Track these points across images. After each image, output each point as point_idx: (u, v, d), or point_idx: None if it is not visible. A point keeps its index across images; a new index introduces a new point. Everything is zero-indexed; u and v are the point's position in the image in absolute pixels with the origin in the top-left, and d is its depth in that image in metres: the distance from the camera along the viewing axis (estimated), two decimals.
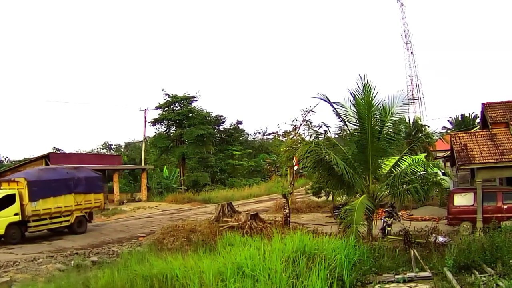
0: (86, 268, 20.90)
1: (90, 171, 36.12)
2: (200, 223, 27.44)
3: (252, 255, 15.55)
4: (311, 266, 14.60)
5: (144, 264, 16.59)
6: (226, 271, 14.11)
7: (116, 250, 25.67)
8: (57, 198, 31.19)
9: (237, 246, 18.61)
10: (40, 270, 21.34)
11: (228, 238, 21.09)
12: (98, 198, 34.67)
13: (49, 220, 30.73)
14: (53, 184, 31.20)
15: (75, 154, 64.26)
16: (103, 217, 41.43)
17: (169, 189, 60.39)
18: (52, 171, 34.77)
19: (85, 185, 33.27)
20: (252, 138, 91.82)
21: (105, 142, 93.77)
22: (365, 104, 20.78)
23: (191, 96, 67.03)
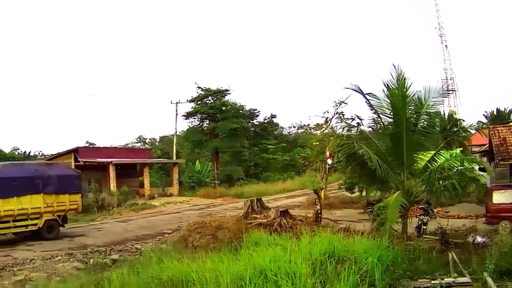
0: (105, 267, 19.75)
1: (66, 169, 33.06)
2: (228, 219, 26.29)
3: (277, 257, 14.27)
4: (340, 270, 13.29)
5: (162, 265, 15.40)
6: (246, 274, 12.92)
7: (139, 247, 24.30)
8: (22, 199, 27.44)
9: (262, 246, 17.42)
10: (56, 268, 20.23)
11: (255, 237, 19.79)
12: (75, 199, 30.13)
13: (12, 223, 27.17)
14: (16, 183, 27.39)
15: (104, 148, 63.82)
16: (132, 212, 40.74)
17: (201, 183, 59.75)
18: (17, 168, 30.34)
19: (58, 185, 28.97)
20: (286, 132, 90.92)
21: (140, 136, 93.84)
22: (399, 94, 19.58)
23: (224, 89, 66.47)
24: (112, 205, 44.02)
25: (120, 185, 49.38)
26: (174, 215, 37.57)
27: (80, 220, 38.03)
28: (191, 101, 66.85)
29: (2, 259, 22.15)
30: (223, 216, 30.04)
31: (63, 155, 54.58)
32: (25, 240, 27.11)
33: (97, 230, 31.55)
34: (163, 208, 43.86)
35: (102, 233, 30.22)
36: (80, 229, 32.26)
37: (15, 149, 77.65)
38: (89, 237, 28.78)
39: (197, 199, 49.87)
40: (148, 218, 36.77)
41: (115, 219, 38.18)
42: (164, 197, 51.99)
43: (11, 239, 27.48)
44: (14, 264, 20.83)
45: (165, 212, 40.60)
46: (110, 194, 46.54)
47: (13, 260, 21.70)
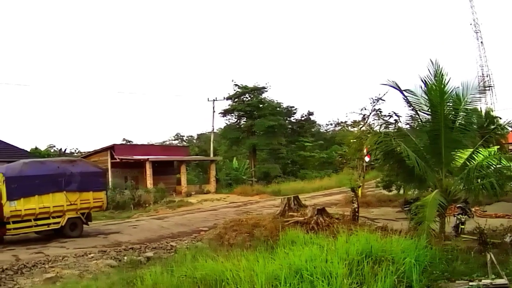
0: (138, 265, 19.56)
1: (89, 166, 31.59)
2: (264, 217, 26.12)
3: (313, 256, 14.01)
4: (377, 270, 13.03)
5: (196, 264, 15.18)
6: (282, 274, 12.70)
7: (174, 245, 23.94)
8: (44, 197, 26.96)
9: (299, 244, 17.21)
10: (89, 266, 20.18)
11: (291, 235, 19.56)
12: (99, 197, 29.53)
13: (33, 222, 26.70)
14: (37, 181, 26.79)
15: (140, 145, 64.25)
16: (168, 209, 40.80)
17: (239, 180, 59.73)
18: (39, 165, 29.21)
19: (81, 182, 28.38)
20: (323, 129, 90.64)
21: (177, 134, 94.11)
22: (437, 90, 19.23)
23: (261, 86, 66.39)
24: (148, 202, 44.24)
25: (157, 182, 49.75)
26: (211, 213, 37.45)
27: (115, 217, 38.23)
28: (228, 99, 67.01)
29: (34, 256, 22.01)
30: (260, 213, 30.11)
31: (99, 153, 55.12)
32: (57, 237, 27.10)
33: (132, 227, 31.39)
34: (200, 205, 43.93)
35: (137, 230, 30.10)
36: (115, 226, 32.29)
37: (51, 147, 78.13)
38: (124, 234, 28.60)
39: (234, 197, 49.86)
40: (184, 215, 36.76)
41: (151, 216, 38.18)
42: (201, 195, 52.08)
43: (44, 236, 27.51)
44: (45, 261, 20.63)
45: (201, 210, 40.57)
46: (146, 191, 46.65)
47: (45, 257, 21.49)
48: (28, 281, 18.28)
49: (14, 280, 18.39)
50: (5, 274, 19.01)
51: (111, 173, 52.68)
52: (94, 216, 38.08)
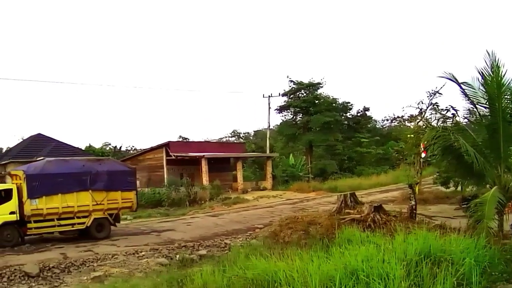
0: (191, 263, 19.44)
1: (118, 164, 30.90)
2: (320, 214, 25.70)
3: (369, 256, 13.55)
4: (436, 272, 12.52)
5: (248, 263, 14.79)
6: (337, 275, 12.29)
7: (228, 242, 23.80)
8: (67, 196, 26.08)
9: (355, 243, 16.81)
10: (139, 264, 20.16)
11: (347, 233, 19.10)
12: (128, 197, 28.45)
13: (56, 221, 25.97)
14: (60, 179, 25.97)
15: (196, 142, 64.24)
16: (224, 206, 40.72)
17: (295, 177, 59.19)
18: (63, 164, 28.22)
19: (108, 181, 27.42)
20: (379, 125, 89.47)
21: (234, 130, 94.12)
22: (494, 83, 18.60)
23: (317, 82, 65.84)
24: (204, 199, 44.22)
25: (213, 179, 49.52)
26: (267, 210, 37.18)
27: (170, 214, 38.30)
28: (284, 95, 66.73)
29: (83, 254, 22.09)
30: (316, 211, 29.69)
31: (154, 150, 55.48)
32: (110, 235, 27.15)
33: (186, 224, 31.29)
34: (256, 202, 43.77)
35: (191, 227, 29.81)
36: (169, 223, 32.11)
37: (106, 145, 79.01)
38: (178, 232, 28.34)
39: (290, 193, 49.47)
40: (240, 212, 36.62)
41: (206, 213, 38.11)
42: (257, 191, 52.01)
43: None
44: (94, 260, 20.74)
45: (257, 207, 40.38)
46: (202, 188, 46.69)
47: (94, 255, 21.58)
48: (75, 279, 18.38)
49: (61, 279, 18.48)
50: (51, 272, 19.07)
51: (166, 170, 53.06)
52: (149, 214, 38.33)
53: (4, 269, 19.13)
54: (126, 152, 74.82)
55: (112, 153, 70.90)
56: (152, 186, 50.66)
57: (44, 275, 18.68)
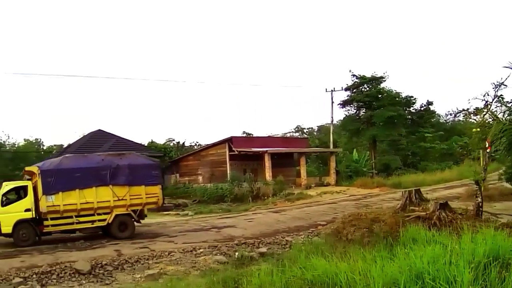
0: (250, 261, 18.85)
1: (141, 158, 28.96)
2: (384, 211, 24.78)
3: (435, 257, 12.75)
4: (505, 275, 11.58)
5: (308, 263, 13.98)
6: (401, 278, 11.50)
7: (290, 240, 22.87)
8: (85, 191, 25.08)
9: (420, 243, 16.00)
10: (196, 262, 19.45)
11: (412, 232, 18.28)
12: (153, 192, 27.06)
13: (74, 218, 25.03)
14: (78, 174, 25.09)
15: (259, 137, 63.62)
16: (287, 202, 40.22)
17: (359, 173, 58.26)
18: (81, 158, 27.60)
19: (130, 175, 26.28)
20: (443, 119, 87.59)
21: (298, 126, 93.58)
22: None
23: (379, 76, 64.70)
24: (267, 194, 43.86)
25: (276, 174, 49.05)
26: (330, 206, 36.34)
27: (232, 210, 38.14)
28: (347, 89, 65.78)
29: (138, 251, 21.63)
30: (380, 207, 28.77)
31: (217, 145, 55.34)
32: (168, 232, 26.70)
33: (247, 221, 30.81)
34: (319, 198, 43.07)
35: (252, 224, 29.12)
36: (230, 219, 31.71)
37: (170, 140, 79.33)
38: (238, 228, 27.64)
39: (354, 189, 48.57)
40: (302, 208, 35.88)
41: (268, 209, 37.68)
42: (320, 187, 51.26)
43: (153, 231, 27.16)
44: (150, 257, 20.23)
45: (320, 203, 39.64)
46: (265, 183, 46.30)
47: (150, 252, 21.11)
48: (128, 277, 17.92)
49: (113, 276, 18.05)
50: (104, 269, 18.66)
51: (229, 166, 52.90)
52: (211, 209, 38.02)
53: (54, 266, 18.80)
54: (189, 147, 74.96)
55: (175, 149, 71.19)
56: (215, 181, 50.62)
57: (95, 273, 18.30)
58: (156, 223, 32.05)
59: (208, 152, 57.56)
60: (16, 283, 16.92)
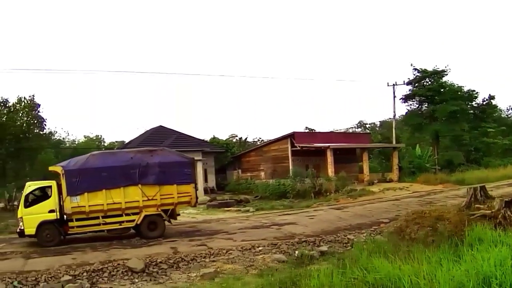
0: (311, 260, 18.10)
1: (172, 155, 27.34)
2: (448, 209, 23.79)
3: (502, 260, 12.06)
4: None
5: (370, 265, 13.34)
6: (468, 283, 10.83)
7: (351, 238, 22.05)
8: (112, 191, 24.16)
9: (486, 243, 15.29)
10: (255, 260, 18.79)
11: (477, 231, 17.51)
12: (185, 191, 25.78)
13: (101, 219, 24.20)
14: (105, 173, 24.11)
15: (321, 132, 63.19)
16: (349, 198, 39.56)
17: (422, 169, 57.01)
18: (108, 157, 26.44)
19: (161, 174, 25.12)
20: (504, 114, 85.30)
21: (360, 121, 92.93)
22: None
23: (441, 70, 63.11)
24: (329, 191, 43.23)
25: (338, 170, 48.39)
26: (392, 203, 35.47)
27: (294, 206, 37.64)
28: (408, 84, 64.54)
29: (195, 249, 21.07)
30: (444, 205, 27.82)
31: (279, 141, 55.23)
32: (227, 228, 26.34)
33: (309, 217, 29.95)
34: (382, 194, 42.24)
35: (313, 221, 28.21)
36: (291, 216, 31.01)
37: (232, 136, 79.54)
38: (299, 225, 26.79)
39: (417, 186, 47.39)
40: (365, 205, 35.10)
41: (330, 206, 36.98)
42: (383, 183, 50.29)
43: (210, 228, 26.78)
44: (207, 255, 19.65)
45: (383, 199, 38.87)
46: (327, 179, 45.55)
47: (207, 250, 20.51)
48: (183, 276, 17.42)
49: (167, 275, 17.58)
50: (158, 268, 18.23)
51: (291, 161, 52.80)
52: (272, 206, 37.69)
53: (107, 264, 18.46)
54: (252, 143, 74.98)
55: (238, 145, 71.28)
56: (277, 177, 50.38)
57: (149, 271, 17.89)
58: (216, 220, 32.02)
59: (270, 148, 57.47)
60: (64, 281, 16.67)
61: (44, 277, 17.03)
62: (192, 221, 32.58)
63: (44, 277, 17.06)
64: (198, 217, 34.90)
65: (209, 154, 59.09)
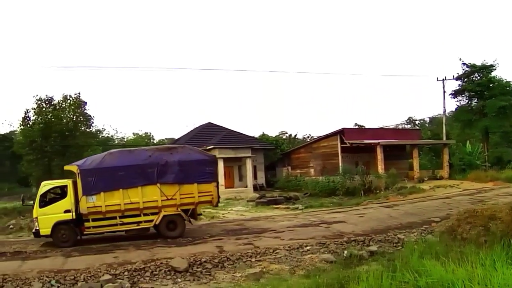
0: (359, 261, 17.55)
1: (193, 152, 26.08)
2: (501, 208, 22.89)
3: None
4: None
5: (421, 268, 12.62)
6: None
7: (402, 237, 21.41)
8: (130, 191, 23.51)
9: None
10: (302, 260, 18.23)
11: None
12: (206, 190, 24.80)
13: (118, 219, 23.66)
14: (121, 172, 23.52)
15: (370, 129, 62.61)
16: (399, 196, 38.95)
17: (472, 166, 55.55)
18: (125, 155, 25.41)
19: (180, 172, 24.23)
20: None
21: (409, 117, 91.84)
22: None
23: (489, 64, 61.66)
24: (379, 188, 42.66)
25: (388, 167, 47.81)
26: (443, 201, 34.58)
27: (343, 204, 37.30)
28: (457, 79, 63.38)
29: (242, 247, 20.61)
30: (495, 203, 27.04)
31: (329, 137, 54.95)
32: (276, 226, 25.97)
33: (358, 216, 29.33)
34: (432, 192, 41.41)
35: (363, 219, 27.58)
36: (340, 214, 30.49)
37: (282, 133, 79.37)
38: (348, 224, 26.17)
39: (467, 183, 46.18)
40: (415, 203, 34.36)
41: (380, 203, 36.37)
42: (433, 180, 49.55)
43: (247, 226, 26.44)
44: (253, 254, 19.15)
45: (434, 197, 38.00)
46: (377, 176, 45.00)
47: (254, 249, 20.00)
48: (227, 276, 17.00)
49: (211, 275, 17.17)
50: (202, 267, 17.81)
51: (341, 158, 52.54)
52: (322, 203, 37.39)
53: (149, 263, 18.16)
54: (302, 140, 74.63)
55: (287, 141, 71.03)
56: (326, 174, 50.05)
57: (193, 271, 17.48)
58: (265, 217, 31.73)
59: (319, 145, 57.17)
60: (104, 280, 16.42)
61: (83, 276, 16.88)
62: (240, 218, 32.49)
63: (83, 276, 16.92)
64: (247, 215, 34.78)
65: (259, 151, 59.14)
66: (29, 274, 17.30)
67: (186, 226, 24.95)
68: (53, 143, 51.80)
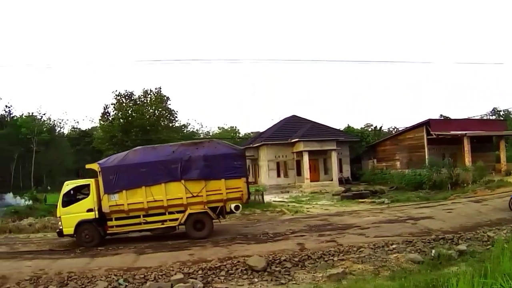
0: (448, 261, 16.23)
1: (220, 146, 24.40)
2: None
3: None
4: None
5: None
6: None
7: (492, 235, 19.24)
8: (153, 188, 22.48)
9: None
10: (387, 260, 16.85)
11: None
12: (235, 186, 23.14)
13: (142, 218, 22.71)
14: (144, 169, 22.52)
15: (456, 120, 59.99)
16: (487, 190, 36.95)
17: None
18: (148, 152, 24.05)
19: (206, 168, 22.79)
20: None
21: (494, 108, 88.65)
22: None
23: None
24: (466, 182, 40.53)
25: (475, 159, 45.93)
26: None
27: (430, 198, 35.82)
28: None
29: (324, 245, 19.26)
30: None
31: (415, 129, 53.59)
32: (360, 222, 24.88)
33: (446, 211, 27.35)
34: None
35: (451, 215, 25.53)
36: (428, 209, 28.70)
37: (368, 126, 78.38)
38: (436, 220, 24.27)
39: None
40: (504, 198, 31.39)
41: (468, 198, 34.33)
42: None
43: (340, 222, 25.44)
44: (336, 253, 17.84)
45: None
46: (464, 169, 42.83)
47: (337, 247, 18.65)
48: (308, 276, 15.90)
49: (290, 275, 16.03)
50: (281, 266, 16.68)
51: (427, 150, 51.27)
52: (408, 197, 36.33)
53: (225, 261, 17.25)
54: (387, 132, 73.36)
55: (373, 134, 69.98)
56: (413, 167, 48.87)
57: (271, 270, 16.37)
58: (349, 212, 30.92)
59: (405, 136, 56.05)
60: (175, 280, 15.54)
61: (154, 275, 16.16)
62: (324, 213, 31.76)
63: (154, 274, 16.21)
64: (331, 209, 34.08)
65: (344, 143, 58.36)
66: (96, 272, 16.84)
67: (265, 222, 24.48)
68: (134, 137, 52.41)
